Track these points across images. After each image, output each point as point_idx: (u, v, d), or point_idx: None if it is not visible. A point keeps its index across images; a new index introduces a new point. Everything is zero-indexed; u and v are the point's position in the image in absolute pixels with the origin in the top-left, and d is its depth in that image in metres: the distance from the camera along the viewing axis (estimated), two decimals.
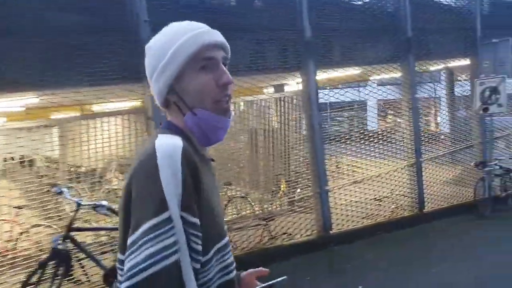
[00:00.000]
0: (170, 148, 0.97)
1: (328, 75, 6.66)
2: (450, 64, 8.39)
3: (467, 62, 8.12)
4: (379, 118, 10.69)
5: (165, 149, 0.97)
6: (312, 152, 5.96)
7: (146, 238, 0.91)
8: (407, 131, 6.92)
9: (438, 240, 6.14)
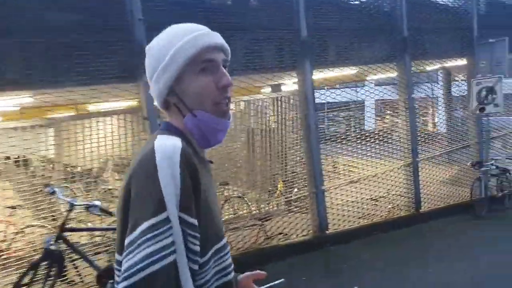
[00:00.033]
0: (169, 148, 0.97)
1: (324, 74, 6.64)
2: (447, 64, 8.40)
3: (464, 62, 8.12)
4: (377, 118, 10.69)
5: (164, 149, 0.97)
6: (308, 152, 5.94)
7: (144, 238, 0.90)
8: (403, 131, 6.91)
9: (435, 240, 6.14)
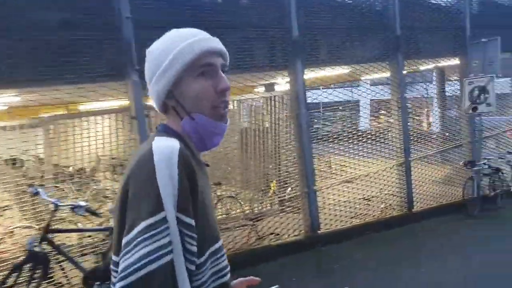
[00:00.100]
0: (167, 150, 0.98)
1: (316, 74, 6.60)
2: (440, 64, 8.40)
3: (456, 61, 8.12)
4: (370, 118, 10.69)
5: (162, 150, 0.97)
6: (300, 152, 5.90)
7: (141, 238, 0.91)
8: (396, 130, 6.89)
9: (427, 240, 6.13)
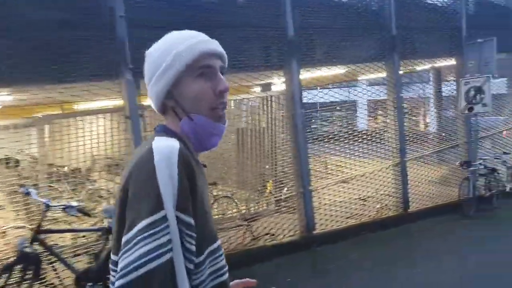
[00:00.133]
0: (167, 149, 0.99)
1: (312, 74, 6.58)
2: (437, 64, 8.40)
3: (453, 61, 8.13)
4: (369, 118, 10.67)
5: (162, 150, 0.98)
6: (295, 152, 5.88)
7: (141, 236, 0.91)
8: (392, 131, 6.88)
9: (423, 240, 6.13)
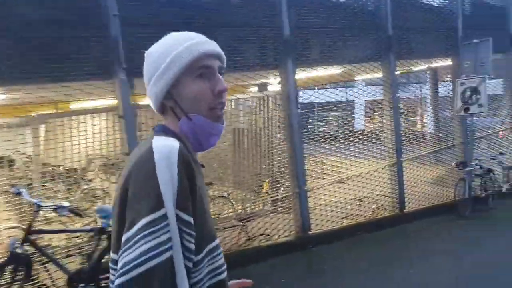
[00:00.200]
0: (167, 149, 0.99)
1: (308, 74, 6.56)
2: (433, 64, 8.40)
3: (449, 62, 8.13)
4: (366, 118, 10.68)
5: (162, 150, 0.99)
6: (291, 152, 5.86)
7: (142, 235, 0.92)
8: (388, 131, 6.87)
9: (419, 240, 6.12)
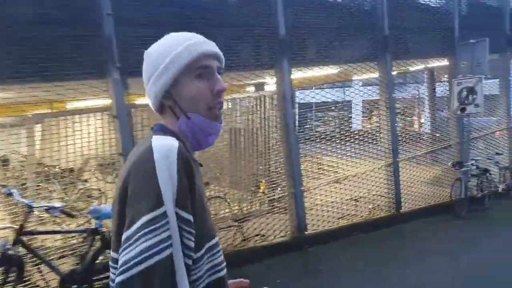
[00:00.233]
0: (166, 148, 1.00)
1: (304, 73, 6.55)
2: (430, 64, 8.39)
3: (445, 62, 8.12)
4: (363, 118, 10.67)
5: (161, 149, 1.00)
6: (287, 152, 5.84)
7: (142, 233, 0.93)
8: (384, 131, 6.86)
9: (415, 240, 6.12)
